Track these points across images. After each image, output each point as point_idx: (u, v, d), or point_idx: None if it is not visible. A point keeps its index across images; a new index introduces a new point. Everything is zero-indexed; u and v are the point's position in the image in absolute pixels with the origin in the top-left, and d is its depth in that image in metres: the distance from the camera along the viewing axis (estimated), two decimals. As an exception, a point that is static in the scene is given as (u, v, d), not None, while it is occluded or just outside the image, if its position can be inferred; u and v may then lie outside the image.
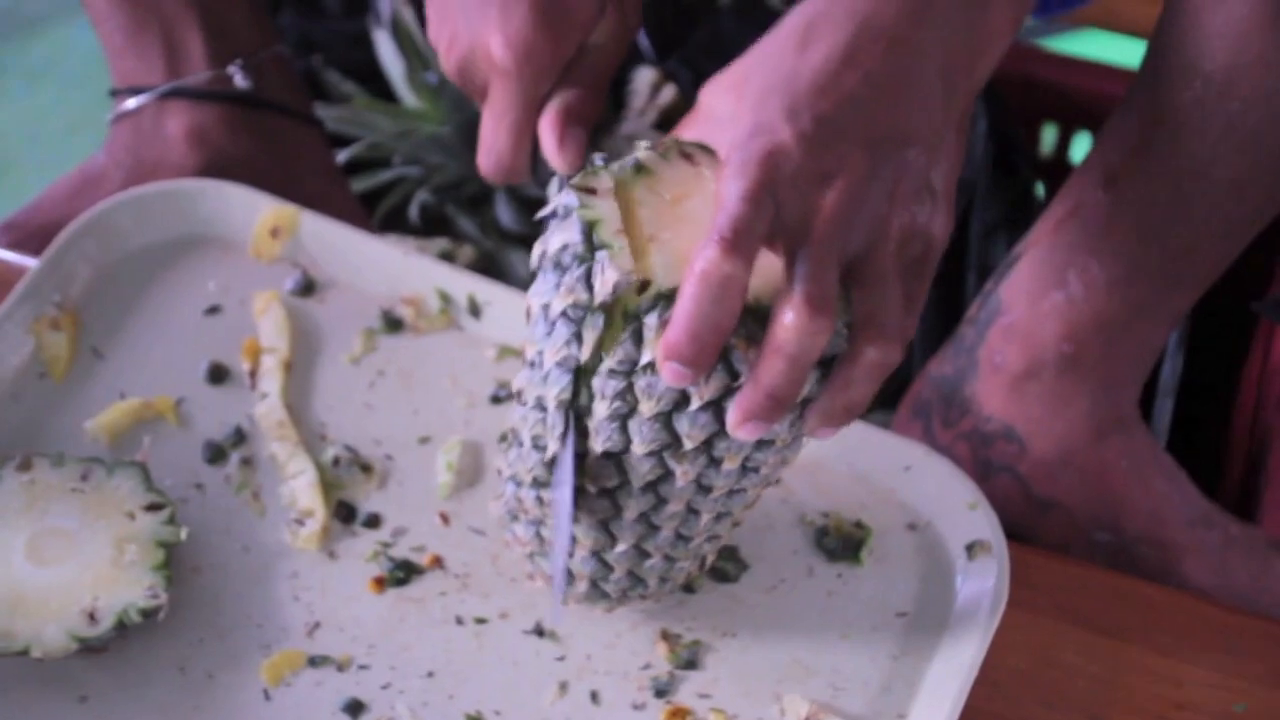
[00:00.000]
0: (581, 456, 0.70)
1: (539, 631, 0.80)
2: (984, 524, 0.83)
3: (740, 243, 0.63)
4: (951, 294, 1.11)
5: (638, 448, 0.68)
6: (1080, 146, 1.23)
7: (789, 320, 0.64)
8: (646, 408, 0.67)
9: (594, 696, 0.79)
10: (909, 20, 0.69)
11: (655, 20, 1.17)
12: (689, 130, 0.74)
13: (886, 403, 1.05)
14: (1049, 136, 1.24)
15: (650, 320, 0.66)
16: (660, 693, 0.79)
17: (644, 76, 1.18)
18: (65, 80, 1.64)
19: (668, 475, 0.70)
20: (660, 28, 1.18)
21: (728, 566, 0.83)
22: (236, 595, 0.81)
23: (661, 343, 0.64)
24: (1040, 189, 1.21)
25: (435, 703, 0.78)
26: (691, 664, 0.80)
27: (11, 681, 0.77)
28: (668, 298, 0.66)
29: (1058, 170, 1.22)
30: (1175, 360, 1.09)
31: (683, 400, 0.67)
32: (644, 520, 0.72)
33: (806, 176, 0.66)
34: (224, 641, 0.79)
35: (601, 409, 0.68)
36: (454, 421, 0.87)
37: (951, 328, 0.99)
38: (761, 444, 0.69)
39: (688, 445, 0.68)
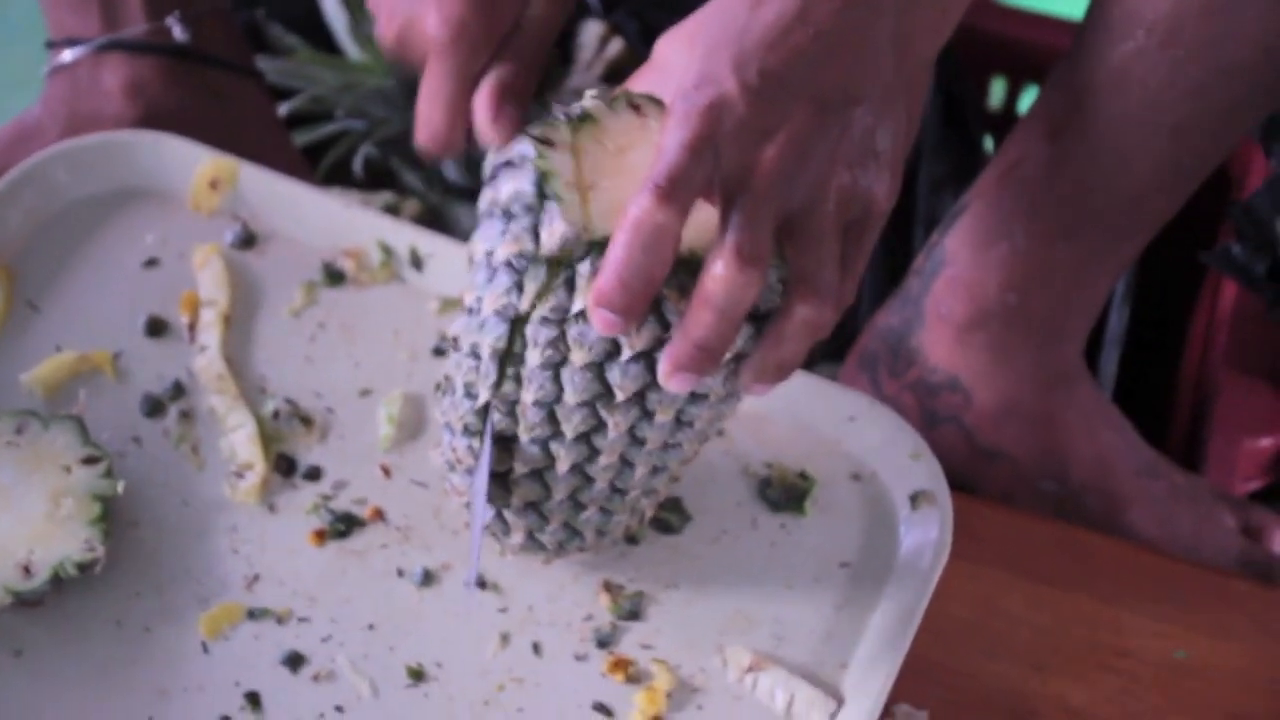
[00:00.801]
0: (515, 405, 0.70)
1: (480, 583, 0.80)
2: (927, 474, 0.82)
3: (675, 192, 0.63)
4: (899, 247, 1.11)
5: (570, 397, 0.68)
6: (1029, 100, 1.23)
7: (718, 270, 0.64)
8: (578, 357, 0.67)
9: (536, 648, 0.78)
10: None
11: (602, -28, 1.16)
12: (642, 82, 0.73)
13: (834, 355, 1.05)
14: (998, 90, 1.23)
15: (583, 268, 0.65)
16: (602, 643, 0.79)
17: (591, 30, 1.17)
18: (4, 35, 1.62)
19: (600, 426, 0.69)
20: (607, -21, 1.17)
21: (671, 518, 0.82)
22: (175, 549, 0.80)
23: (592, 290, 0.64)
24: (989, 143, 1.20)
25: (376, 655, 0.78)
26: (634, 615, 0.80)
27: (-53, 637, 0.76)
28: (600, 245, 0.65)
29: (1006, 124, 1.21)
30: (1122, 311, 1.09)
31: (614, 350, 0.67)
32: (577, 471, 0.72)
33: (749, 130, 0.65)
34: (162, 595, 0.79)
35: (534, 357, 0.67)
36: (395, 374, 0.87)
37: (899, 281, 0.99)
38: (695, 397, 0.69)
39: (619, 396, 0.67)
